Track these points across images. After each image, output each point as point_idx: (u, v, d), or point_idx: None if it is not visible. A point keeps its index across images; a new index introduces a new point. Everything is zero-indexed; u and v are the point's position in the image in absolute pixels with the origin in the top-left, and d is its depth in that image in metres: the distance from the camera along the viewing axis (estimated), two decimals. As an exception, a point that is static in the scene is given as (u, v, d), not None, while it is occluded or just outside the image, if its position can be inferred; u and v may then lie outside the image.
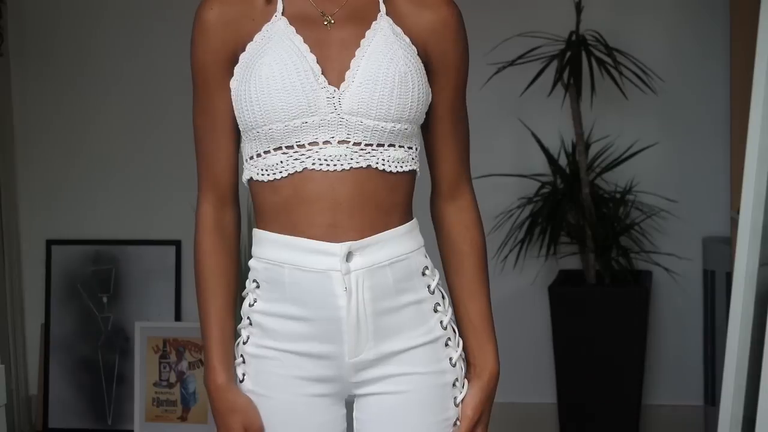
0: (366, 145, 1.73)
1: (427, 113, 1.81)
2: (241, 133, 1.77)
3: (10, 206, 4.61)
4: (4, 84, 4.61)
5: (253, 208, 1.81)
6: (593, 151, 4.25)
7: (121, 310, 4.56)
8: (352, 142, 1.72)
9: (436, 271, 1.83)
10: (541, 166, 4.26)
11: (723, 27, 4.17)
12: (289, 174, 1.73)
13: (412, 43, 1.76)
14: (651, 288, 4.13)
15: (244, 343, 1.81)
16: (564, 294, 4.07)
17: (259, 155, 1.75)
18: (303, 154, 1.72)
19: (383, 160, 1.75)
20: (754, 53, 2.79)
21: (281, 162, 1.73)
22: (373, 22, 1.75)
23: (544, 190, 4.19)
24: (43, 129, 4.66)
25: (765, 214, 2.76)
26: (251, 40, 1.74)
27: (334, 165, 1.72)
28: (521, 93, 4.14)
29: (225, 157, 1.79)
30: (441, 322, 1.82)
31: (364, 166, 1.73)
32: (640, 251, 4.18)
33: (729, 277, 3.63)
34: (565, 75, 4.02)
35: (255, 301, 1.79)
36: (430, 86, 1.78)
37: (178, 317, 4.52)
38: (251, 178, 1.77)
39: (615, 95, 4.11)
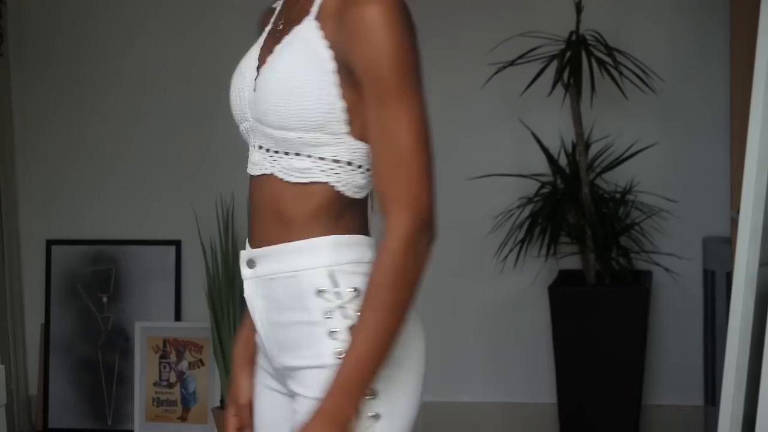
0: (274, 152, 1.70)
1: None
2: None
3: (10, 206, 4.61)
4: (4, 84, 4.61)
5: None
6: (593, 151, 4.25)
7: (121, 310, 4.56)
8: (265, 149, 1.72)
9: (347, 294, 1.66)
10: (541, 166, 4.26)
11: (723, 27, 4.16)
12: (250, 176, 1.78)
13: (331, 48, 1.64)
14: (651, 288, 4.13)
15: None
16: (564, 294, 4.07)
17: None
18: (249, 158, 1.77)
19: (284, 168, 1.69)
20: (754, 53, 2.79)
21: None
22: (296, 26, 1.69)
23: (544, 190, 4.19)
24: (43, 129, 4.66)
25: (765, 214, 2.76)
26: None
27: (253, 170, 1.75)
28: (521, 93, 4.14)
29: None
30: (338, 350, 1.65)
31: (268, 173, 1.71)
32: (640, 251, 4.18)
33: (729, 277, 3.63)
34: (565, 75, 4.02)
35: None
36: (356, 93, 1.64)
37: (178, 317, 4.52)
38: None
39: (615, 95, 4.11)
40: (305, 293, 1.67)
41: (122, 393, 4.53)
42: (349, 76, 1.63)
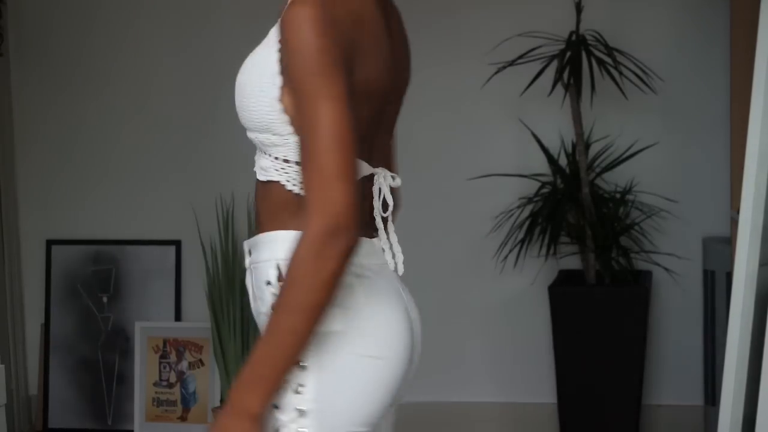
0: (257, 150, 1.76)
1: None
2: None
3: (10, 206, 4.61)
4: (4, 84, 4.61)
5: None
6: (593, 151, 4.24)
7: (121, 310, 4.56)
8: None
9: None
10: (541, 166, 4.26)
11: (723, 27, 4.16)
12: None
13: (279, 51, 1.66)
14: (651, 288, 4.13)
15: None
16: (564, 294, 4.07)
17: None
18: None
19: (258, 167, 1.75)
20: (754, 53, 2.79)
21: None
22: (272, 29, 1.70)
23: (544, 190, 4.19)
24: (43, 129, 4.66)
25: (765, 214, 2.76)
26: None
27: (260, 174, 1.76)
28: (521, 93, 4.14)
29: None
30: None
31: (253, 169, 1.77)
32: (640, 251, 4.18)
33: (729, 277, 3.63)
34: (565, 75, 4.01)
35: None
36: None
37: (178, 317, 4.52)
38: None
39: (615, 95, 4.11)
40: (261, 284, 1.73)
41: (122, 393, 4.53)
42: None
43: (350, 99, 1.61)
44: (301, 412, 1.66)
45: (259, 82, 1.67)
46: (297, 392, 1.66)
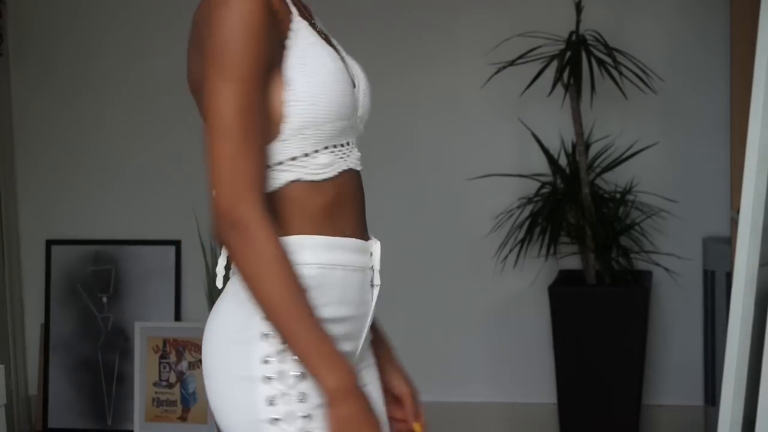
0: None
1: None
2: (284, 133, 1.68)
3: (10, 206, 4.61)
4: (4, 84, 4.61)
5: (285, 213, 1.71)
6: (593, 151, 4.24)
7: (120, 310, 4.56)
8: (355, 145, 1.80)
9: None
10: (541, 166, 4.26)
11: (723, 27, 4.16)
12: (338, 173, 1.72)
13: None
14: (651, 288, 4.13)
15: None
16: (564, 294, 4.07)
17: (308, 155, 1.69)
18: (345, 153, 1.74)
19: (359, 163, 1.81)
20: (754, 53, 2.78)
21: (332, 161, 1.71)
22: (327, 32, 1.82)
23: (544, 190, 4.19)
24: (43, 129, 4.66)
25: (765, 214, 2.76)
26: (287, 37, 1.69)
27: (360, 165, 1.78)
28: (521, 93, 4.14)
29: (266, 157, 1.67)
30: None
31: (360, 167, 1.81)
32: (640, 251, 4.18)
33: (729, 277, 3.63)
34: (565, 75, 4.01)
35: None
36: None
37: (177, 317, 4.53)
38: (298, 179, 1.69)
39: (615, 95, 4.11)
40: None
41: (122, 393, 4.53)
42: None
43: None
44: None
45: None
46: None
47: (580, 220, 4.08)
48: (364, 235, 1.78)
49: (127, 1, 4.58)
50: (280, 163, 1.68)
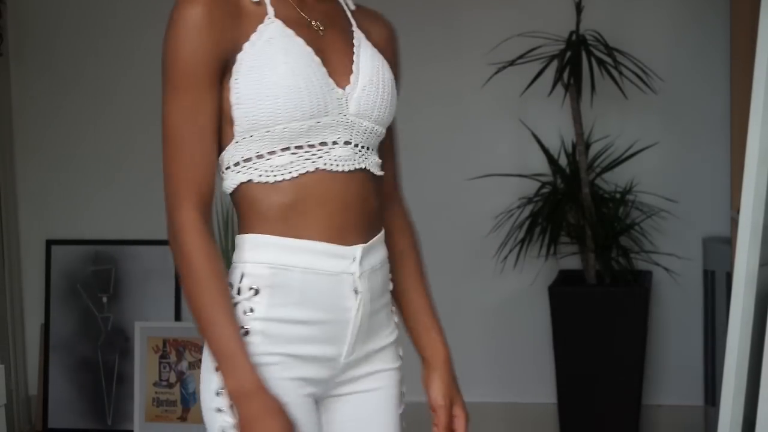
0: (362, 147, 1.77)
1: None
2: (236, 135, 1.71)
3: (10, 206, 4.61)
4: (4, 84, 4.61)
5: (242, 214, 1.76)
6: (593, 151, 4.25)
7: (120, 310, 4.56)
8: (353, 144, 1.76)
9: None
10: (541, 166, 4.26)
11: (723, 27, 4.17)
12: (299, 174, 1.71)
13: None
14: (651, 288, 4.13)
15: None
16: (564, 294, 4.07)
17: (261, 156, 1.71)
18: (314, 154, 1.72)
19: (373, 163, 1.80)
20: (754, 53, 2.78)
21: (291, 162, 1.71)
22: (352, 31, 1.82)
23: (544, 190, 4.19)
24: (43, 129, 4.66)
25: (765, 214, 2.76)
26: (246, 39, 1.70)
27: (343, 166, 1.74)
28: (521, 93, 4.14)
29: (210, 162, 1.70)
30: (395, 321, 1.91)
31: (362, 168, 1.77)
32: (640, 251, 4.18)
33: (729, 277, 3.63)
34: (565, 75, 4.01)
35: (252, 309, 1.72)
36: None
37: (177, 317, 4.52)
38: (250, 180, 1.72)
39: (615, 95, 4.11)
40: (388, 277, 1.87)
41: (122, 393, 4.53)
42: None
43: None
44: None
45: (394, 80, 1.84)
46: None
47: (580, 220, 4.08)
48: (341, 239, 1.73)
49: (127, 1, 4.58)
50: (236, 164, 1.72)
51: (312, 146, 1.71)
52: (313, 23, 1.77)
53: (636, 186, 4.25)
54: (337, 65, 1.75)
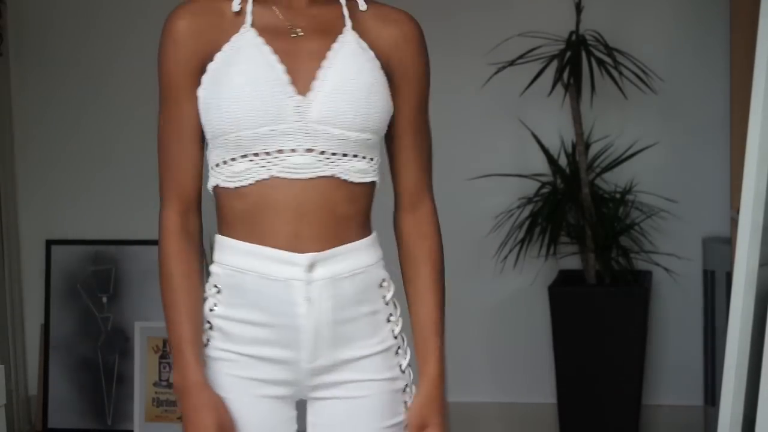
0: (332, 154, 1.76)
1: (390, 125, 1.84)
2: (208, 141, 1.79)
3: (10, 206, 4.61)
4: (4, 84, 4.61)
5: (216, 214, 1.84)
6: (593, 151, 4.25)
7: (120, 310, 4.56)
8: (317, 151, 1.75)
9: (392, 283, 1.86)
10: (541, 166, 4.27)
11: (723, 27, 4.17)
12: (255, 181, 1.75)
13: (377, 57, 1.81)
14: (651, 288, 4.13)
15: (204, 346, 1.81)
16: (564, 294, 4.07)
17: (225, 162, 1.77)
18: (270, 162, 1.74)
19: (347, 170, 1.77)
20: (754, 53, 2.79)
21: (247, 169, 1.75)
22: (339, 35, 1.79)
23: (544, 190, 4.19)
24: (43, 129, 4.66)
25: (765, 214, 2.76)
26: (220, 50, 1.76)
27: (300, 173, 1.75)
28: (521, 93, 4.15)
29: (191, 166, 1.81)
30: (393, 331, 1.85)
31: (328, 175, 1.76)
32: (640, 251, 4.18)
33: (729, 277, 3.63)
34: (565, 75, 4.02)
35: (215, 306, 1.80)
36: (393, 99, 1.82)
37: (178, 317, 4.52)
38: (217, 185, 1.79)
39: (615, 95, 4.12)
40: (371, 286, 1.82)
41: (122, 393, 4.53)
42: (390, 84, 1.82)
43: None
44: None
45: (383, 86, 1.79)
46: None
47: (580, 220, 4.09)
48: (294, 247, 1.76)
49: (128, 1, 4.58)
50: (212, 168, 1.81)
51: (268, 153, 1.74)
52: (294, 29, 1.78)
53: (636, 186, 4.25)
54: (305, 72, 1.75)
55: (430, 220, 1.89)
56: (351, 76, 1.75)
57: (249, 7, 1.79)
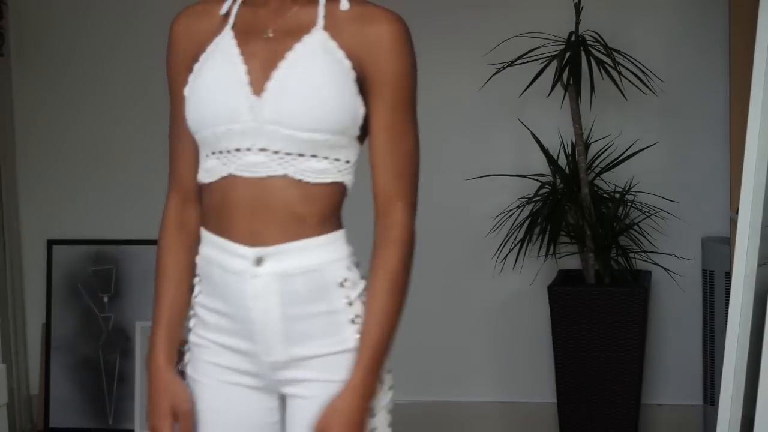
0: (285, 153, 1.77)
1: (369, 128, 1.83)
2: None
3: (11, 206, 4.62)
4: (5, 84, 4.62)
5: None
6: (593, 151, 4.25)
7: (121, 310, 4.57)
8: (271, 151, 1.77)
9: (361, 283, 1.83)
10: (541, 166, 4.27)
11: (722, 27, 4.17)
12: (220, 178, 1.81)
13: (348, 57, 1.77)
14: (650, 288, 4.14)
15: (189, 331, 1.91)
16: (564, 294, 4.08)
17: (203, 159, 1.86)
18: (229, 160, 1.80)
19: (302, 169, 1.77)
20: (754, 53, 2.79)
21: (214, 167, 1.82)
22: (305, 36, 1.78)
23: (544, 190, 4.20)
24: (44, 129, 4.67)
25: (764, 214, 2.77)
26: (204, 51, 1.86)
27: (254, 172, 1.78)
28: (521, 93, 4.15)
29: (188, 159, 1.92)
30: (359, 335, 1.80)
31: (280, 174, 1.77)
32: (640, 251, 4.18)
33: (728, 276, 3.64)
34: (565, 75, 4.02)
35: (198, 294, 1.89)
36: (368, 101, 1.80)
37: (178, 317, 4.52)
38: (199, 179, 1.89)
39: (614, 95, 4.12)
40: (329, 285, 1.80)
41: (123, 392, 4.54)
42: (364, 85, 1.79)
43: None
44: (389, 410, 1.85)
45: (345, 87, 1.77)
46: (389, 390, 1.85)
47: (580, 220, 4.09)
48: (249, 241, 1.79)
49: (128, 1, 4.59)
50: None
51: (229, 152, 1.80)
52: (265, 30, 1.81)
53: (635, 186, 4.25)
54: (263, 73, 1.78)
55: (396, 227, 1.83)
56: (303, 77, 1.75)
57: (234, 9, 1.85)
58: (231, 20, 1.84)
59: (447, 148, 4.42)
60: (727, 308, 2.79)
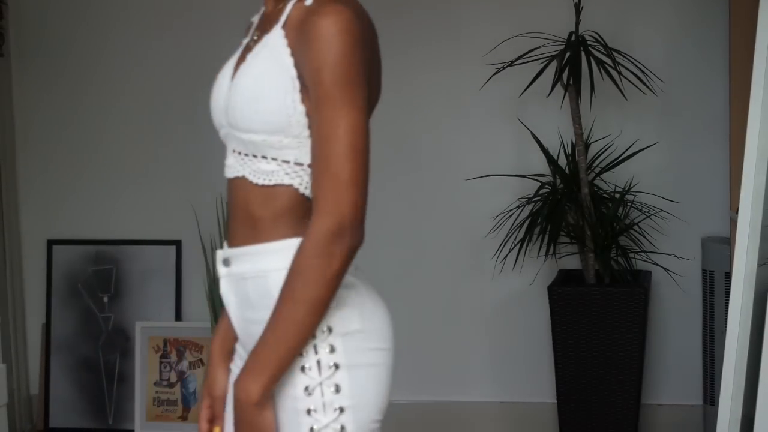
0: (244, 155, 1.77)
1: None
2: None
3: (11, 206, 4.62)
4: (5, 84, 4.62)
5: None
6: (593, 151, 4.25)
7: (121, 310, 4.57)
8: (236, 152, 1.79)
9: None
10: (541, 166, 4.27)
11: (722, 27, 4.17)
12: (227, 179, 1.85)
13: (291, 55, 1.71)
14: (650, 288, 4.14)
15: None
16: (564, 294, 4.08)
17: None
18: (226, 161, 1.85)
19: (254, 171, 1.75)
20: (754, 53, 2.79)
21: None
22: (266, 36, 1.77)
23: (544, 190, 4.20)
24: (44, 129, 4.67)
25: (764, 214, 2.77)
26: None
27: (229, 173, 1.82)
28: (521, 93, 4.15)
29: None
30: (308, 348, 1.72)
31: (240, 175, 1.78)
32: (640, 251, 4.18)
33: (728, 276, 3.64)
34: (565, 75, 4.02)
35: None
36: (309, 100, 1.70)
37: (178, 317, 4.53)
38: None
39: (614, 95, 4.12)
40: (274, 292, 1.71)
41: (123, 392, 4.54)
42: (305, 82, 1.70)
43: (367, 111, 1.70)
44: (342, 410, 1.72)
45: (281, 85, 1.70)
46: (337, 392, 1.72)
47: (580, 220, 4.09)
48: (228, 242, 1.84)
49: (129, 1, 4.59)
50: None
51: (228, 153, 1.84)
52: (256, 33, 1.84)
53: (635, 186, 4.25)
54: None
55: (306, 242, 1.65)
56: (245, 78, 1.75)
57: (255, 18, 1.91)
58: (252, 30, 1.88)
59: (447, 148, 4.42)
60: (727, 308, 2.79)
